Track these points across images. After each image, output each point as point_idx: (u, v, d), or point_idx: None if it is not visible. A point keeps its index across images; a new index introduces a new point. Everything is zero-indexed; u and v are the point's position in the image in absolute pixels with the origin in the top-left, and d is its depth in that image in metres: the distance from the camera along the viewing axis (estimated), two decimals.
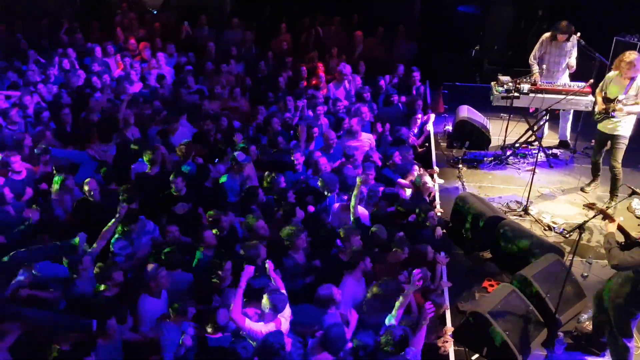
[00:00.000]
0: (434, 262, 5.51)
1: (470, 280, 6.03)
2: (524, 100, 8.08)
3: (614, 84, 6.69)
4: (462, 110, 9.02)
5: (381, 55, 11.24)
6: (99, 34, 11.76)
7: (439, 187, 7.40)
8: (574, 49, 8.04)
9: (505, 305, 5.06)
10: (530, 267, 5.51)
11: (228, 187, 6.52)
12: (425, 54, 11.37)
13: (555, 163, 8.23)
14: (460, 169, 8.22)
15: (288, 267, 5.26)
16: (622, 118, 6.69)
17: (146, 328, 4.78)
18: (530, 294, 5.26)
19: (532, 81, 8.09)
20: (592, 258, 6.23)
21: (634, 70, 6.44)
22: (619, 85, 6.63)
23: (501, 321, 4.91)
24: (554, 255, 5.69)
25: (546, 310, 5.18)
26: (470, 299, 5.73)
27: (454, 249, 6.49)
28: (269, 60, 10.69)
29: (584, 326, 5.35)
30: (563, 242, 6.58)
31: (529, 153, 8.54)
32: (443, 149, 8.80)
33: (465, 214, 6.58)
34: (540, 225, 6.87)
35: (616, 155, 6.91)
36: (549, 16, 11.71)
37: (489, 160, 8.39)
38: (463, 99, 9.73)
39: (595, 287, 5.81)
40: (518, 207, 7.21)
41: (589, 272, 6.07)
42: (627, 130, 6.82)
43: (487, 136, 8.81)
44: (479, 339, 5.01)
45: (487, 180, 7.98)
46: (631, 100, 6.55)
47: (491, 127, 8.97)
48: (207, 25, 12.01)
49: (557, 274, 5.32)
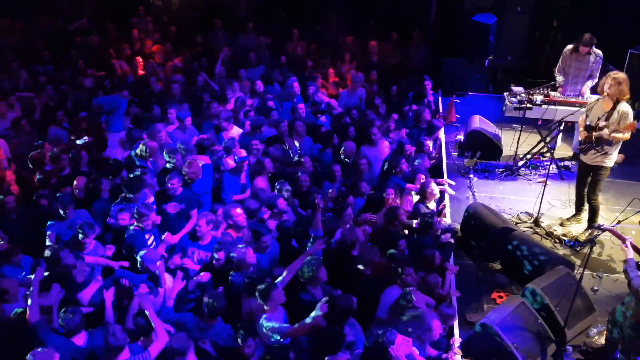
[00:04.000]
0: (443, 268, 5.52)
1: (479, 291, 6.02)
2: (537, 111, 8.06)
3: (597, 111, 6.39)
4: (474, 120, 9.01)
5: (395, 63, 11.27)
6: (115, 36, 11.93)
7: (449, 197, 7.41)
8: (596, 64, 7.96)
9: (514, 318, 5.04)
10: (539, 280, 5.48)
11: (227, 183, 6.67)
12: (439, 62, 11.39)
13: (567, 175, 8.19)
14: (472, 179, 8.21)
15: (304, 303, 4.95)
16: (606, 149, 6.36)
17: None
18: (539, 307, 5.24)
19: (546, 93, 8.09)
20: (602, 272, 6.19)
21: (615, 90, 6.16)
22: (601, 111, 6.33)
23: (509, 334, 4.89)
24: (564, 268, 5.67)
25: (555, 324, 5.16)
26: (478, 310, 5.72)
27: (463, 259, 6.49)
28: (281, 67, 10.77)
29: (593, 340, 5.32)
30: (574, 255, 6.54)
31: (540, 164, 8.51)
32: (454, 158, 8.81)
33: (475, 224, 6.58)
34: (551, 237, 6.84)
35: (596, 187, 6.61)
36: (564, 27, 11.71)
37: (500, 170, 8.38)
38: (475, 109, 9.74)
39: (606, 301, 5.81)
40: (529, 219, 7.19)
41: (599, 286, 6.03)
42: (611, 161, 6.48)
43: (499, 147, 8.79)
44: (487, 351, 4.98)
45: (497, 191, 7.97)
46: (612, 127, 6.22)
47: (503, 137, 8.95)
48: (222, 29, 12.13)
49: (567, 287, 5.30)
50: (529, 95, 8.12)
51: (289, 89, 9.48)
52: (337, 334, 4.44)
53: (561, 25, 11.90)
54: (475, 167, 8.47)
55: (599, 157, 6.43)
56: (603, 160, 6.44)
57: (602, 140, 6.32)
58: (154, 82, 9.60)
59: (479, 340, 5.04)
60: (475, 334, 5.11)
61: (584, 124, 6.51)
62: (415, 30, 11.58)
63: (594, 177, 6.59)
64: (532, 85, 8.42)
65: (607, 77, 6.29)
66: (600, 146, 6.36)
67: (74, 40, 11.52)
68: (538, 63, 11.74)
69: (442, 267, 5.52)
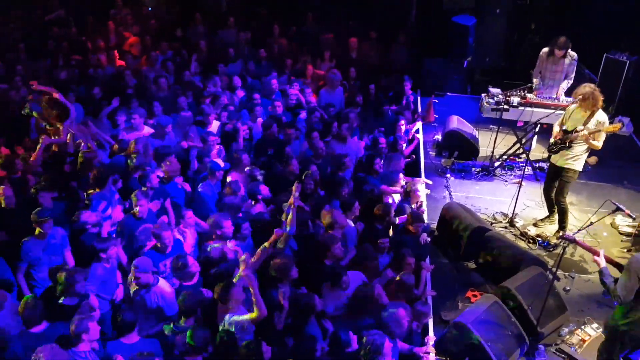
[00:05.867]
0: (419, 268, 5.54)
1: (454, 289, 6.05)
2: (514, 113, 8.17)
3: (574, 117, 6.42)
4: (452, 120, 9.07)
5: (375, 62, 11.28)
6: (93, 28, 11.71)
7: (426, 196, 7.45)
8: (571, 66, 8.09)
9: (488, 316, 5.08)
10: (513, 279, 5.54)
11: (205, 196, 6.48)
12: (418, 62, 11.44)
13: (541, 176, 8.25)
14: (449, 178, 8.26)
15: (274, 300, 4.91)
16: (577, 152, 6.42)
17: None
18: (512, 306, 5.29)
19: (522, 94, 8.19)
20: (575, 272, 6.30)
21: (588, 103, 6.18)
22: (579, 118, 6.36)
23: (483, 331, 4.93)
24: (538, 268, 5.74)
25: (528, 322, 5.22)
26: (453, 309, 5.75)
27: (439, 258, 6.52)
28: (260, 61, 10.69)
29: (564, 339, 5.40)
30: (547, 255, 6.63)
31: (516, 165, 8.61)
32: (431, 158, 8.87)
33: (451, 224, 6.62)
34: (525, 238, 6.92)
35: (564, 189, 6.67)
36: (541, 29, 11.87)
37: (477, 171, 8.45)
38: (454, 109, 9.81)
39: (578, 300, 5.92)
40: (504, 219, 7.27)
41: (571, 286, 6.13)
42: (580, 165, 6.53)
43: (476, 147, 8.87)
44: (461, 349, 5.01)
45: (474, 190, 8.03)
46: (589, 131, 6.24)
47: (480, 138, 9.03)
48: (202, 24, 11.99)
49: (540, 287, 5.36)
50: (506, 97, 8.23)
51: (267, 85, 9.39)
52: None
53: (539, 28, 12.08)
54: (452, 166, 8.52)
55: (569, 160, 6.49)
56: (572, 162, 6.50)
57: (575, 143, 6.37)
58: (128, 76, 9.41)
59: (453, 338, 5.07)
60: (449, 332, 5.13)
61: (560, 127, 6.56)
62: (399, 31, 11.59)
63: (562, 180, 6.65)
64: (509, 87, 8.53)
65: (575, 94, 6.32)
66: (573, 148, 6.42)
67: (51, 31, 11.27)
68: (516, 65, 11.88)
69: (417, 267, 5.54)
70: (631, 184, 8.23)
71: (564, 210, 6.80)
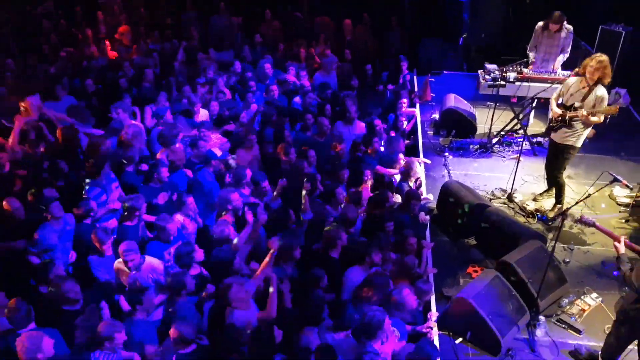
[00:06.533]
0: (420, 249, 5.59)
1: (455, 266, 6.12)
2: (510, 88, 8.16)
3: (573, 91, 6.33)
4: (449, 98, 9.06)
5: (370, 43, 11.23)
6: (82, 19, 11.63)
7: (425, 175, 7.48)
8: (567, 39, 8.04)
9: (489, 291, 5.15)
10: (513, 254, 5.59)
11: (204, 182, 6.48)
12: (414, 41, 11.38)
13: (539, 151, 8.31)
14: (447, 157, 8.29)
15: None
16: (578, 129, 6.34)
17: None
18: (513, 280, 5.35)
19: (519, 70, 8.17)
20: (573, 244, 6.36)
21: (600, 72, 6.06)
22: (578, 93, 6.27)
23: (484, 306, 5.00)
24: (537, 242, 5.79)
25: (528, 295, 5.29)
26: (454, 285, 5.82)
27: (439, 237, 6.58)
28: (256, 46, 10.64)
29: (565, 310, 5.47)
30: (546, 229, 6.68)
31: (513, 141, 8.62)
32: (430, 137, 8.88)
33: (450, 201, 6.66)
34: (524, 212, 6.97)
35: (562, 165, 6.64)
36: (537, 4, 11.76)
37: (475, 148, 8.47)
38: (450, 87, 9.79)
39: (577, 272, 5.99)
40: (502, 195, 7.31)
41: (570, 258, 6.19)
42: (579, 141, 6.45)
43: (474, 124, 8.87)
44: (463, 324, 5.10)
45: (472, 168, 8.06)
46: (588, 110, 6.16)
47: (477, 115, 9.04)
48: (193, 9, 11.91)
49: (540, 260, 5.42)
50: (502, 73, 8.22)
51: (261, 70, 9.36)
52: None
53: (534, 3, 11.97)
54: (450, 145, 8.54)
55: (569, 137, 6.44)
56: (573, 139, 6.44)
57: (575, 120, 6.32)
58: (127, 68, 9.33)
59: (455, 313, 5.14)
60: (451, 308, 5.20)
61: (556, 102, 6.52)
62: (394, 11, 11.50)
63: (562, 156, 6.61)
64: (506, 63, 8.49)
65: (592, 59, 6.13)
66: (572, 126, 6.37)
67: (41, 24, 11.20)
68: (512, 41, 11.80)
69: (419, 247, 5.59)
70: (628, 155, 8.26)
71: (560, 185, 6.82)
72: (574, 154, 6.62)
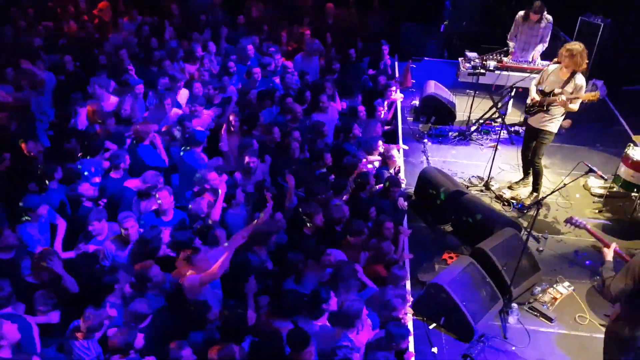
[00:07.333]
0: (397, 234, 5.60)
1: (430, 252, 6.16)
2: (490, 77, 8.19)
3: (552, 78, 6.43)
4: (429, 85, 9.06)
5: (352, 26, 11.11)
6: None
7: (403, 161, 7.48)
8: (547, 29, 8.09)
9: (463, 277, 5.19)
10: (488, 241, 5.65)
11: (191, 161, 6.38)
12: (396, 27, 11.32)
13: (517, 140, 8.38)
14: (426, 143, 8.31)
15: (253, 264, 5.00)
16: (554, 114, 6.46)
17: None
18: (487, 267, 5.41)
19: (499, 58, 8.20)
20: (547, 233, 6.46)
21: (575, 60, 6.12)
22: (557, 80, 6.37)
23: (459, 292, 5.04)
24: (512, 230, 5.86)
25: (502, 282, 5.36)
26: (430, 271, 5.86)
27: (416, 222, 6.61)
28: (238, 27, 10.46)
29: (537, 298, 5.56)
30: (521, 217, 6.76)
31: (492, 130, 8.68)
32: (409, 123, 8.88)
33: (428, 188, 6.69)
34: (500, 200, 7.04)
35: (539, 150, 6.72)
36: None
37: (454, 135, 8.51)
38: (431, 74, 9.79)
39: (550, 260, 6.08)
40: (479, 183, 7.37)
41: (544, 247, 6.29)
42: (555, 127, 6.59)
43: (453, 112, 8.90)
44: (437, 309, 5.14)
45: (450, 155, 8.10)
46: (568, 96, 6.25)
47: (457, 102, 9.06)
48: None
49: (514, 248, 5.49)
50: (482, 61, 8.24)
51: (242, 52, 9.20)
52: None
53: None
54: (429, 132, 8.56)
55: (546, 122, 6.56)
56: (549, 124, 6.57)
57: (553, 106, 6.42)
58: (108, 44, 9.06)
59: (430, 298, 5.18)
60: (426, 293, 5.24)
61: (536, 87, 6.58)
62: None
63: (538, 141, 6.72)
64: (486, 52, 8.52)
65: (563, 48, 6.26)
66: (550, 111, 6.49)
67: None
68: (493, 29, 11.83)
69: (396, 233, 5.60)
70: (604, 146, 8.39)
71: (538, 172, 6.91)
72: (550, 139, 6.71)
